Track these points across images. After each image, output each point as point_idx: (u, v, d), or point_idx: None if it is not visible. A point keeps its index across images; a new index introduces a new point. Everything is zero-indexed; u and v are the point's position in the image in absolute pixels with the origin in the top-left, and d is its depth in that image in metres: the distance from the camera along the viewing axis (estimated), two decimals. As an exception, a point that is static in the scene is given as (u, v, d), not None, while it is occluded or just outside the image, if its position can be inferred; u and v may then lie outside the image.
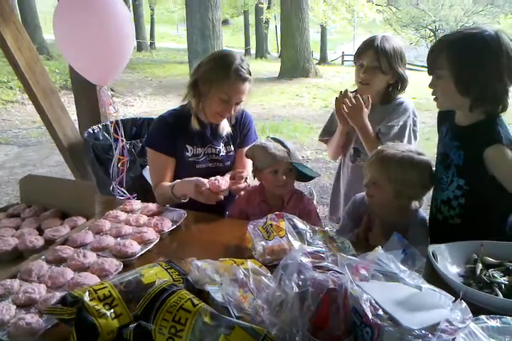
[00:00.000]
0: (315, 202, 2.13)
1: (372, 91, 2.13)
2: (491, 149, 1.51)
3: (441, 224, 1.74)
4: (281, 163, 1.87)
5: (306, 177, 1.94)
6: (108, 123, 3.31)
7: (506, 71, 1.50)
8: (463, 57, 1.51)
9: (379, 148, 1.75)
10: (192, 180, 1.87)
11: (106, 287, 1.17)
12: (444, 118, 1.75)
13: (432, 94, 1.65)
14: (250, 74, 1.98)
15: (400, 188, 1.65)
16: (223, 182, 1.85)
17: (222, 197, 1.84)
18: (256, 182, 2.04)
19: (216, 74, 1.94)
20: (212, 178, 1.86)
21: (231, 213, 2.11)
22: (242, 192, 1.98)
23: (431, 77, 1.62)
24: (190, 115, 2.07)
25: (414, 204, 1.75)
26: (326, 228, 2.79)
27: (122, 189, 2.71)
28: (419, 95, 9.38)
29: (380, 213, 1.78)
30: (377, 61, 2.03)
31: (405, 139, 2.06)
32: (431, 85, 1.63)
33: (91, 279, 1.36)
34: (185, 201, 1.96)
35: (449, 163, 1.66)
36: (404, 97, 2.19)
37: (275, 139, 1.95)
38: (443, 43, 1.57)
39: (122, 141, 2.68)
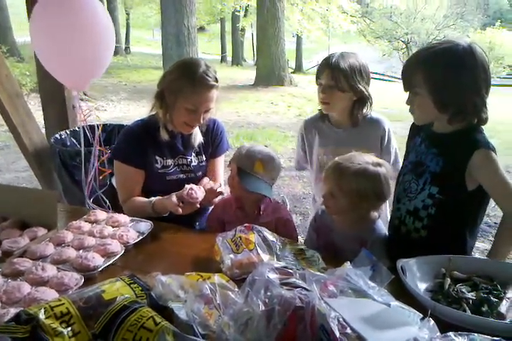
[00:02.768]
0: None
1: (334, 110, 2.10)
2: (479, 153, 1.50)
3: (403, 238, 1.72)
4: (232, 163, 1.89)
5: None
6: (76, 128, 3.23)
7: (483, 84, 1.51)
8: (438, 75, 1.50)
9: (336, 159, 1.72)
10: (170, 196, 1.83)
11: (63, 303, 1.12)
12: (419, 129, 1.75)
13: (409, 110, 1.65)
14: (217, 81, 1.92)
15: (355, 200, 1.63)
16: (200, 193, 1.82)
17: (198, 206, 1.83)
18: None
19: (181, 84, 1.89)
20: (188, 187, 1.82)
21: (209, 222, 2.07)
22: (217, 200, 1.98)
23: (407, 93, 1.62)
24: (159, 125, 2.01)
25: (373, 214, 1.74)
26: (300, 237, 2.79)
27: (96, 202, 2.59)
28: (390, 106, 9.55)
29: (339, 222, 1.77)
30: (334, 80, 1.98)
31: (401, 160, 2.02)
32: (408, 102, 1.62)
33: (49, 294, 1.29)
34: (166, 215, 1.91)
35: (422, 171, 1.64)
36: (377, 114, 2.16)
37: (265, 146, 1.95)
38: (417, 61, 1.56)
39: (104, 153, 2.55)
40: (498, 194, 1.55)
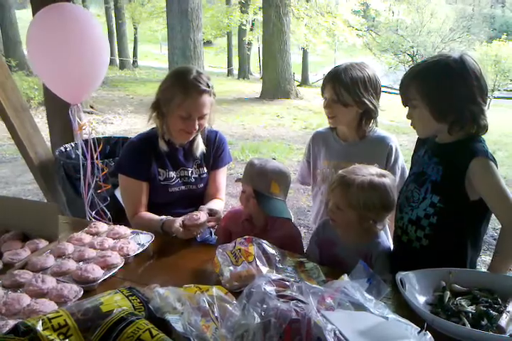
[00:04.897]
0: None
1: (340, 124, 2.08)
2: (476, 161, 1.49)
3: (404, 247, 1.72)
4: (245, 184, 1.87)
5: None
6: (81, 141, 3.26)
7: (478, 92, 1.52)
8: (431, 86, 1.53)
9: (340, 172, 1.72)
10: (176, 219, 1.81)
11: (61, 315, 1.12)
12: (423, 142, 1.77)
13: (411, 125, 1.67)
14: (209, 87, 1.93)
15: (363, 212, 1.63)
16: (202, 216, 1.78)
17: (200, 231, 1.81)
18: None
19: (173, 92, 1.91)
20: (193, 213, 1.79)
21: (217, 233, 2.07)
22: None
23: (407, 108, 1.64)
24: None
25: (378, 227, 1.74)
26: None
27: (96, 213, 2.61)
28: (396, 118, 9.55)
29: (344, 236, 1.76)
30: (336, 94, 1.95)
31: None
32: (408, 116, 1.65)
33: (48, 306, 1.30)
34: (173, 236, 1.87)
35: (424, 180, 1.65)
36: (385, 132, 2.12)
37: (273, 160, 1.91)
38: (410, 75, 1.60)
39: (102, 169, 2.59)
40: (496, 206, 1.51)
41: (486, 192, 1.51)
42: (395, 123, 9.65)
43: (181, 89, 1.89)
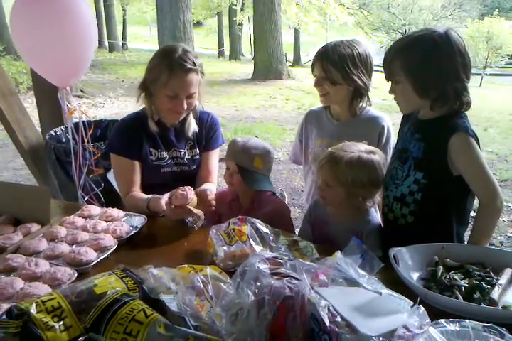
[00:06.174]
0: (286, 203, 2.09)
1: (332, 102, 2.07)
2: (456, 137, 1.48)
3: (390, 225, 1.72)
4: (228, 161, 1.89)
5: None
6: (71, 125, 3.22)
7: (461, 68, 1.50)
8: (415, 61, 1.51)
9: (329, 149, 1.72)
10: (163, 196, 1.77)
11: (55, 298, 1.12)
12: (408, 118, 1.76)
13: (394, 99, 1.65)
14: (196, 65, 1.89)
15: (351, 189, 1.64)
16: (190, 193, 1.74)
17: (189, 210, 1.72)
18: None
19: (159, 71, 1.88)
20: (180, 188, 1.75)
21: (208, 215, 2.06)
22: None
23: (390, 83, 1.62)
24: None
25: (368, 204, 1.74)
26: (297, 230, 2.79)
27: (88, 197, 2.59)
28: (389, 97, 9.51)
29: (334, 214, 1.78)
30: (324, 71, 1.95)
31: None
32: (391, 91, 1.63)
33: (42, 289, 1.30)
34: (160, 216, 1.87)
35: (406, 157, 1.64)
36: (378, 112, 2.11)
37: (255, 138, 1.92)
38: (394, 49, 1.57)
39: (95, 153, 2.57)
40: (474, 182, 1.51)
41: (465, 168, 1.51)
42: (387, 102, 9.61)
43: (167, 67, 1.86)
